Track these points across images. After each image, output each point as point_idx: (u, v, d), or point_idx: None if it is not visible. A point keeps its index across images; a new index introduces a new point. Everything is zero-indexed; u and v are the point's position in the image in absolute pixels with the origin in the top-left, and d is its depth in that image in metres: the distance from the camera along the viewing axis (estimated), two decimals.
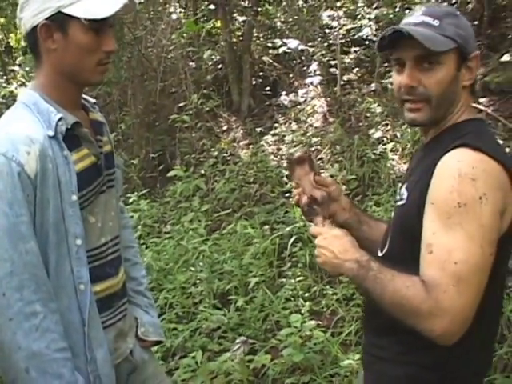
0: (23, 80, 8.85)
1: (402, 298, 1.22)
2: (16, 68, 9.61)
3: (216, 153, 6.18)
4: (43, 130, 1.40)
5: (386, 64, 5.98)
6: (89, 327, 1.44)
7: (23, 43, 9.55)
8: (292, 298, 3.63)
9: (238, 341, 3.37)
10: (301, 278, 3.80)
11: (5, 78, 9.51)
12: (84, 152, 1.48)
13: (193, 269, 4.21)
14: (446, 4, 6.43)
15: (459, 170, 1.22)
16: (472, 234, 1.20)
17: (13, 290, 1.30)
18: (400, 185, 1.53)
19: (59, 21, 1.40)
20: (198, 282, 4.08)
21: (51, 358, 1.32)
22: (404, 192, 1.39)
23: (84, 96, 1.61)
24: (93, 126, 1.57)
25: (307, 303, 3.50)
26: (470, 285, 1.20)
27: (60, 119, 1.42)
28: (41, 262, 1.35)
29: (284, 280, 3.87)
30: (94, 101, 1.68)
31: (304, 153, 1.54)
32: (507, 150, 4.30)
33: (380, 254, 1.47)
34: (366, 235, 1.59)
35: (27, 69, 8.66)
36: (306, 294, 3.64)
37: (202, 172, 5.98)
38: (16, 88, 8.63)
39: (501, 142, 4.42)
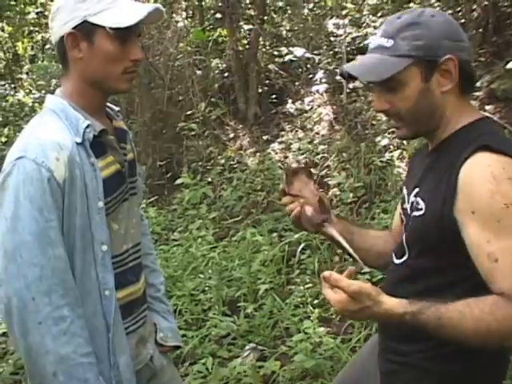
0: (30, 88, 8.91)
1: (488, 326, 1.16)
2: (23, 76, 9.69)
3: (223, 160, 6.21)
4: (71, 136, 1.41)
5: None
6: (113, 333, 1.45)
7: (30, 51, 9.65)
8: (301, 305, 3.64)
9: (247, 347, 3.39)
10: (309, 284, 3.82)
11: (12, 86, 9.58)
12: (109, 159, 1.50)
13: (202, 276, 4.24)
14: (450, 11, 6.47)
15: (492, 173, 1.19)
16: None
17: (42, 294, 1.32)
18: (405, 190, 1.50)
19: (85, 30, 1.42)
20: (206, 288, 4.10)
21: (78, 362, 1.34)
22: (420, 201, 1.34)
23: (108, 104, 1.62)
24: (117, 134, 1.59)
25: (316, 310, 3.51)
26: None
27: (87, 126, 1.43)
28: (68, 268, 1.37)
29: (293, 287, 3.89)
30: (117, 109, 1.69)
31: (299, 164, 1.54)
32: None
33: (397, 262, 1.45)
34: (358, 244, 1.55)
35: (34, 77, 8.73)
36: (315, 301, 3.66)
37: (209, 180, 6.01)
38: (24, 96, 8.69)
39: None
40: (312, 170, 1.55)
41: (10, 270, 1.32)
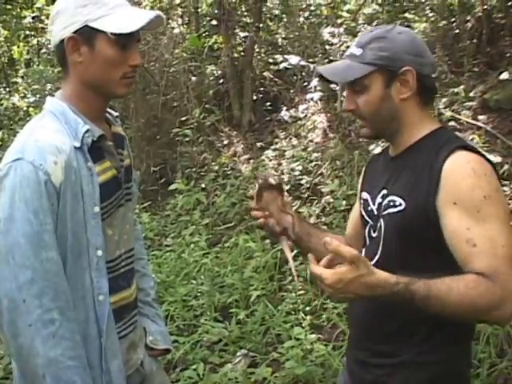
0: (25, 92, 8.91)
1: (472, 299, 1.25)
2: (19, 80, 9.69)
3: (217, 167, 6.22)
4: (70, 140, 1.42)
5: None
6: (105, 338, 1.45)
7: (26, 56, 9.65)
8: (293, 312, 3.65)
9: (238, 354, 3.39)
10: (301, 291, 3.82)
11: (7, 90, 9.57)
12: (106, 165, 1.50)
13: (194, 282, 4.24)
14: (445, 22, 6.53)
15: (473, 169, 1.33)
16: (503, 218, 1.32)
17: (32, 296, 1.32)
18: (367, 195, 1.60)
19: (86, 34, 1.43)
20: (199, 294, 4.11)
21: (65, 365, 1.34)
22: (396, 199, 1.43)
23: (107, 109, 1.63)
24: (115, 140, 1.59)
25: (308, 317, 3.53)
26: None
27: (87, 131, 1.44)
28: (62, 271, 1.37)
29: (285, 294, 3.89)
30: (116, 114, 1.70)
31: (274, 179, 1.56)
32: (506, 166, 4.35)
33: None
34: (316, 246, 1.59)
35: (29, 81, 8.72)
36: (307, 308, 3.67)
37: (203, 186, 6.01)
38: (18, 100, 8.68)
39: (499, 158, 4.47)
40: (283, 186, 1.57)
41: (1, 272, 1.32)
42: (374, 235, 1.53)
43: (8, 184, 1.34)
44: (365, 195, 1.62)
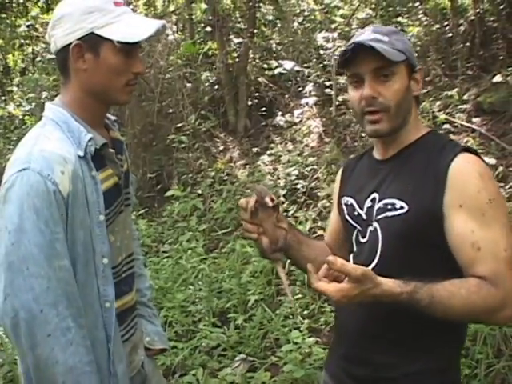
0: (21, 100, 8.91)
1: (474, 303, 1.28)
2: (14, 89, 9.69)
3: (213, 173, 6.23)
4: (74, 149, 1.41)
5: None
6: (113, 343, 1.46)
7: (21, 64, 9.66)
8: (291, 316, 3.66)
9: (237, 358, 3.39)
10: (299, 295, 3.83)
11: (2, 98, 9.57)
12: (109, 172, 1.50)
13: (192, 287, 4.25)
14: (438, 26, 6.57)
15: (478, 172, 1.35)
16: (504, 222, 1.33)
17: (49, 306, 1.31)
18: (351, 200, 1.56)
19: (91, 42, 1.42)
20: (197, 300, 4.11)
21: (83, 371, 1.35)
22: (396, 202, 1.41)
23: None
24: (114, 145, 1.58)
25: (306, 320, 3.54)
26: None
27: (90, 139, 1.43)
28: (73, 279, 1.37)
29: (282, 298, 3.90)
30: (114, 118, 1.69)
31: (270, 199, 1.47)
32: (500, 168, 4.38)
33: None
34: (305, 254, 1.59)
35: (25, 89, 8.73)
36: (305, 312, 3.68)
37: (199, 192, 6.03)
38: (14, 109, 8.68)
39: (494, 160, 4.50)
40: (279, 204, 1.53)
41: (16, 283, 1.31)
42: (363, 240, 1.50)
43: (15, 195, 1.32)
44: (348, 200, 1.58)
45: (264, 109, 7.22)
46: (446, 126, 5.27)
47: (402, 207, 1.39)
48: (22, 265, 1.30)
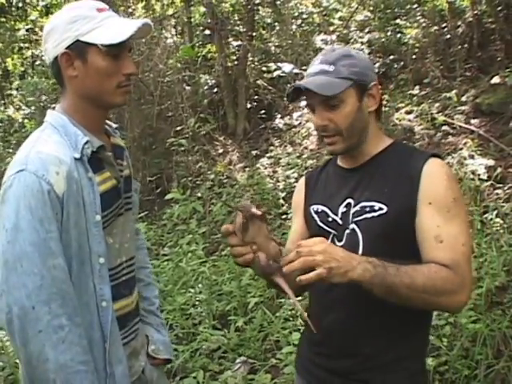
0: (20, 104, 8.92)
1: (435, 282, 1.38)
2: (13, 92, 9.70)
3: (212, 176, 6.24)
4: (70, 152, 1.46)
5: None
6: (109, 343, 1.48)
7: (20, 68, 9.67)
8: (291, 318, 3.67)
9: (238, 361, 3.40)
10: (299, 298, 3.83)
11: (2, 102, 9.58)
12: (106, 175, 1.54)
13: (192, 290, 4.25)
14: (436, 27, 6.58)
15: (446, 173, 1.50)
16: (464, 220, 1.50)
17: (42, 303, 1.34)
18: (322, 207, 1.62)
19: (78, 49, 1.48)
20: (197, 303, 4.12)
21: (75, 370, 1.37)
22: (374, 204, 1.50)
23: (107, 121, 1.67)
24: (114, 151, 1.63)
25: None
26: (471, 260, 1.48)
27: (86, 142, 1.48)
28: (68, 278, 1.40)
29: (282, 300, 3.90)
30: (115, 126, 1.74)
31: (256, 209, 1.36)
32: (499, 169, 4.39)
33: None
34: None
35: (24, 93, 8.74)
36: (305, 314, 3.67)
37: (199, 195, 6.04)
38: (13, 112, 8.69)
39: (492, 162, 4.52)
40: (266, 213, 1.40)
41: (10, 280, 1.35)
42: (339, 244, 1.55)
43: (12, 195, 1.38)
44: (319, 208, 1.65)
45: (263, 112, 7.24)
46: (445, 127, 5.29)
47: (381, 208, 1.50)
48: (16, 262, 1.35)
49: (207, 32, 7.35)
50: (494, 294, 3.28)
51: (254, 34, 7.44)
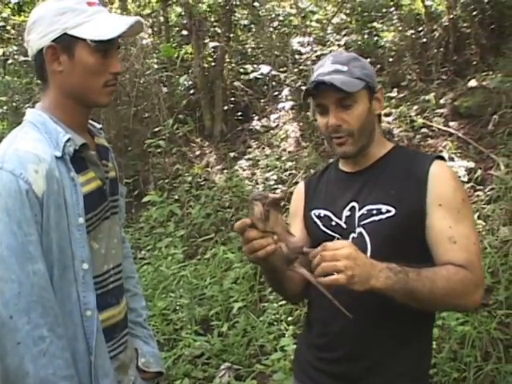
0: None
1: (455, 284, 1.39)
2: None
3: (190, 178, 6.16)
4: (50, 149, 1.37)
5: None
6: (95, 356, 1.38)
7: None
8: (275, 323, 3.62)
9: (222, 367, 3.34)
10: (283, 302, 3.79)
11: None
12: (90, 175, 1.45)
13: (172, 295, 4.18)
14: (413, 31, 6.64)
15: (452, 174, 1.54)
16: (472, 219, 1.55)
17: (20, 312, 1.25)
18: (325, 211, 1.59)
19: (65, 43, 1.39)
20: (178, 308, 4.05)
21: None
22: (381, 207, 1.50)
23: (90, 121, 1.58)
24: (98, 151, 1.54)
25: (290, 327, 3.50)
26: (481, 258, 1.53)
27: (68, 140, 1.39)
28: (49, 285, 1.31)
29: (266, 304, 3.86)
30: (99, 126, 1.65)
31: (275, 193, 1.32)
32: (479, 171, 4.42)
33: None
34: (291, 276, 1.53)
35: None
36: (289, 318, 3.64)
37: (176, 197, 5.95)
38: None
39: (472, 164, 4.55)
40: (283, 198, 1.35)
41: None
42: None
43: None
44: (321, 212, 1.62)
45: (240, 113, 7.20)
46: (424, 130, 5.31)
47: (388, 211, 1.49)
48: None
49: (184, 32, 7.27)
50: None
51: (232, 35, 7.39)
